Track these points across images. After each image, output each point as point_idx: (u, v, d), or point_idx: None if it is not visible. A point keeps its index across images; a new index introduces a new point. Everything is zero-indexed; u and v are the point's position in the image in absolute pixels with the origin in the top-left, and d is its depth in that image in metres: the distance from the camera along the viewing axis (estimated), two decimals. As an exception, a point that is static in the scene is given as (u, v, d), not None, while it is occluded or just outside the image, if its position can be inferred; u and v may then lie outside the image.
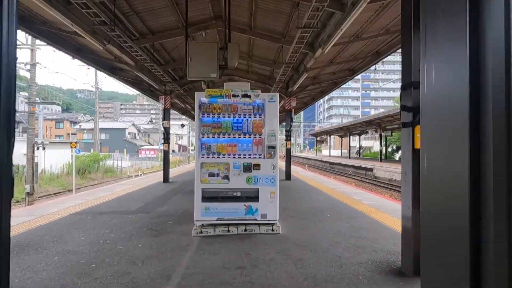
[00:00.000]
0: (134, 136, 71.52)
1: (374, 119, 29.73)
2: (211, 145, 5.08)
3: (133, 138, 69.58)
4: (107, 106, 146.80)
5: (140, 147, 61.49)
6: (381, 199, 8.52)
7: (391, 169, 24.81)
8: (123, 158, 47.14)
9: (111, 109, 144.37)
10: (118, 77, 12.90)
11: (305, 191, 9.70)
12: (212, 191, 5.00)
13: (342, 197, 8.59)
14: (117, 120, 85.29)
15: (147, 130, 78.34)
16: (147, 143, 72.80)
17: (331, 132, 49.28)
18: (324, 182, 12.42)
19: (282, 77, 10.39)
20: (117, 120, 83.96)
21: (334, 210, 6.77)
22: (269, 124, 5.03)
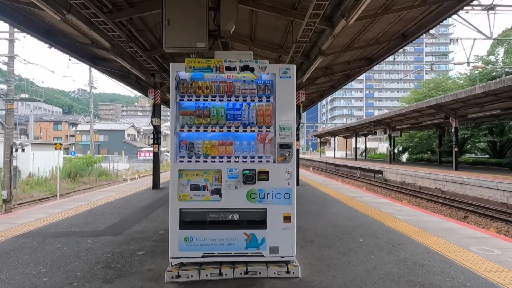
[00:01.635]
0: (134, 138, 70.08)
1: (384, 118, 27.97)
2: (195, 143, 3.39)
3: (132, 140, 68.13)
4: (108, 107, 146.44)
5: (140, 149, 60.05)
6: (414, 211, 6.80)
7: (403, 172, 23.06)
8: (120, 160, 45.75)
9: (113, 111, 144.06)
10: (101, 68, 11.26)
11: (320, 201, 7.99)
12: (196, 213, 3.31)
13: (367, 209, 6.88)
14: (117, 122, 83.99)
15: (147, 132, 76.86)
16: (147, 145, 71.28)
17: (336, 133, 47.51)
18: (339, 188, 10.70)
19: (291, 63, 8.69)
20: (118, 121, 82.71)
21: (365, 231, 5.06)
22: (282, 112, 3.35)
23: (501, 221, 11.42)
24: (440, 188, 18.47)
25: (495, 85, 14.45)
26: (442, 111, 20.33)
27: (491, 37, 11.89)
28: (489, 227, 10.70)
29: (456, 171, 19.89)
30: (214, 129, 3.33)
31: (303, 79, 10.02)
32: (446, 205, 14.67)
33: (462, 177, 16.75)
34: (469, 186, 16.23)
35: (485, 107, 18.12)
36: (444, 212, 13.30)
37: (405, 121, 27.01)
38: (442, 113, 20.99)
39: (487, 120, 24.14)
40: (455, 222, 5.82)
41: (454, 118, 20.18)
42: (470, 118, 20.91)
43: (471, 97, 16.84)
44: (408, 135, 36.86)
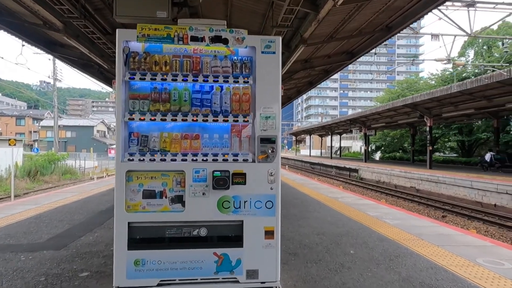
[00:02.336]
0: (104, 135, 67.25)
1: (360, 117, 27.97)
2: (150, 136, 2.59)
3: (102, 137, 65.33)
4: (77, 103, 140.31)
5: (110, 146, 57.66)
6: (401, 214, 6.31)
7: (378, 170, 23.05)
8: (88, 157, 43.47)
9: (82, 107, 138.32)
10: (59, 55, 10.10)
11: (301, 203, 7.35)
12: (150, 228, 2.51)
13: (352, 212, 6.31)
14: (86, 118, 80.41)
15: (118, 128, 73.91)
16: (117, 142, 68.63)
17: (311, 131, 47.49)
18: (318, 188, 10.14)
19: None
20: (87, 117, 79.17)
21: (355, 239, 4.43)
22: (264, 97, 2.62)
23: (478, 220, 11.32)
24: (415, 186, 18.47)
25: (471, 84, 14.46)
26: (417, 110, 20.39)
27: (471, 34, 11.78)
28: (468, 227, 10.52)
29: (430, 169, 20.01)
30: (175, 118, 2.54)
31: (282, 72, 9.33)
32: (423, 204, 14.55)
33: (437, 176, 16.77)
34: (444, 185, 16.26)
35: (459, 106, 18.27)
36: (422, 211, 13.11)
37: (381, 120, 27.12)
38: (417, 112, 21.07)
39: (459, 120, 24.61)
40: (448, 227, 5.34)
41: (428, 117, 20.28)
42: (444, 118, 21.13)
43: (447, 96, 16.87)
44: (381, 134, 37.33)
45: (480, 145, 30.41)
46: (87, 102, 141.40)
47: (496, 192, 13.26)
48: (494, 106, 16.71)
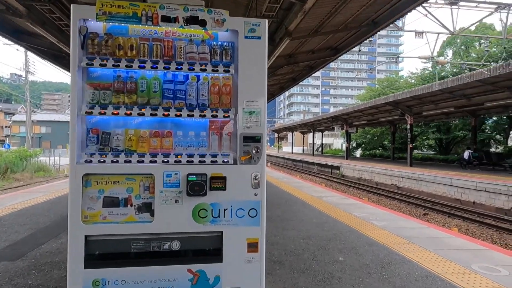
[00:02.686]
0: (80, 130, 64.98)
1: (342, 114, 28.07)
2: (112, 133, 2.20)
3: (79, 132, 63.06)
4: (53, 97, 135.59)
5: (87, 142, 55.87)
6: (388, 214, 6.13)
7: (360, 168, 23.18)
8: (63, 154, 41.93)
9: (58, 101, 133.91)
10: (27, 45, 9.43)
11: (284, 202, 7.06)
12: (112, 242, 2.13)
13: (338, 212, 6.07)
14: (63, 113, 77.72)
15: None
16: (95, 138, 66.72)
17: (294, 128, 47.51)
18: (302, 186, 9.90)
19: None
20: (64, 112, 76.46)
21: (343, 244, 4.17)
22: (248, 89, 2.27)
23: (459, 218, 11.40)
24: (396, 184, 18.62)
25: (452, 83, 14.59)
26: (399, 108, 20.56)
27: (453, 32, 11.81)
28: (449, 225, 10.56)
29: (411, 167, 20.24)
30: (142, 112, 2.15)
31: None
32: (404, 201, 14.62)
33: (418, 174, 16.92)
34: (425, 182, 16.42)
35: (439, 104, 18.50)
36: (404, 209, 13.14)
37: (362, 117, 27.29)
38: (398, 110, 21.26)
39: (438, 118, 25.06)
40: (435, 228, 5.18)
41: (409, 115, 20.49)
42: (424, 116, 21.42)
43: (428, 94, 17.02)
44: (362, 131, 37.72)
45: (457, 143, 31.19)
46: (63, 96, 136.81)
47: (475, 189, 13.45)
48: (473, 105, 17.00)
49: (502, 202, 12.17)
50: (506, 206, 11.99)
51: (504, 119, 26.20)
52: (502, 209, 12.04)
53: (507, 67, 11.25)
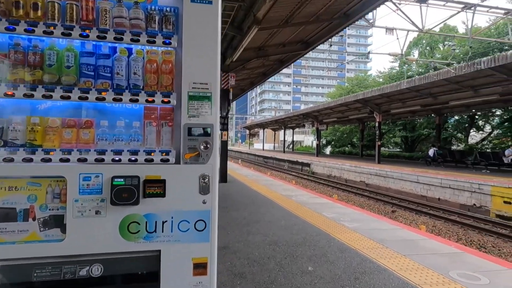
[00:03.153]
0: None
1: (312, 111, 28.11)
2: (6, 121, 1.63)
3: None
4: None
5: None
6: (359, 214, 5.86)
7: (329, 165, 23.27)
8: None
9: None
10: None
11: (252, 202, 6.62)
12: (6, 269, 1.58)
13: (307, 213, 5.72)
14: None
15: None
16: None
17: (265, 125, 47.34)
18: (271, 184, 9.51)
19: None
20: None
21: (313, 250, 3.79)
22: (195, 67, 1.77)
23: (425, 215, 11.52)
24: (365, 181, 18.80)
25: (420, 81, 14.80)
26: (368, 105, 20.77)
27: (423, 30, 11.89)
28: (416, 222, 10.62)
29: (379, 164, 20.53)
30: (51, 94, 1.60)
31: (233, 58, 8.51)
32: (373, 198, 14.68)
33: (386, 171, 17.13)
34: (392, 179, 16.64)
35: (407, 103, 18.85)
36: (373, 206, 13.16)
37: (332, 114, 27.47)
38: (367, 108, 21.49)
39: (404, 117, 25.69)
40: (408, 229, 4.95)
41: (378, 113, 20.75)
42: (392, 114, 21.82)
43: (396, 93, 17.24)
44: (332, 129, 38.20)
45: (421, 141, 32.26)
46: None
47: (440, 186, 13.72)
48: (438, 104, 17.42)
49: (465, 199, 12.47)
50: (469, 203, 12.29)
51: (464, 118, 27.33)
52: (465, 206, 12.33)
53: (472, 66, 11.46)
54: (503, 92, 13.76)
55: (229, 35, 8.30)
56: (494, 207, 11.42)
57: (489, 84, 13.94)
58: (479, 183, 11.84)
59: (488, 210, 11.48)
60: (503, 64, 11.03)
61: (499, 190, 11.22)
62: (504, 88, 13.48)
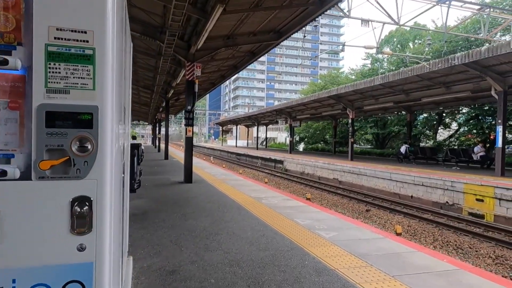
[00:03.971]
0: None
1: (285, 107, 27.62)
2: None
3: None
4: None
5: None
6: (336, 220, 5.23)
7: (302, 162, 22.86)
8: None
9: None
10: None
11: (216, 208, 5.82)
12: None
13: (279, 219, 5.01)
14: None
15: None
16: None
17: (238, 122, 46.49)
18: (241, 185, 8.74)
19: (177, 17, 6.19)
20: None
21: (283, 273, 3.06)
22: (61, 2, 0.96)
23: (399, 214, 11.21)
24: (338, 178, 18.50)
25: (393, 77, 14.55)
26: (341, 102, 20.49)
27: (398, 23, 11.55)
28: (391, 221, 10.25)
29: (352, 161, 20.33)
30: None
31: (198, 44, 7.63)
32: (346, 196, 14.30)
33: (359, 168, 16.86)
34: (365, 176, 16.39)
35: (380, 99, 18.70)
36: (346, 205, 12.75)
37: (306, 111, 27.12)
38: (340, 104, 21.23)
39: (376, 114, 25.77)
40: (392, 238, 4.36)
41: (351, 110, 20.52)
42: (365, 110, 21.68)
43: (369, 89, 16.99)
44: (305, 125, 38.02)
45: (392, 137, 32.71)
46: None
47: (413, 184, 13.54)
48: (410, 100, 17.35)
49: (438, 196, 12.32)
50: (441, 200, 12.15)
51: (432, 116, 27.86)
52: (438, 203, 12.18)
53: (447, 62, 11.24)
54: (474, 89, 13.77)
55: (193, 19, 7.42)
56: (466, 205, 11.29)
57: (461, 81, 13.91)
58: (451, 181, 11.69)
59: (461, 208, 11.34)
60: (476, 60, 10.88)
61: (471, 188, 11.10)
62: (475, 85, 13.47)
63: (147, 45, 9.97)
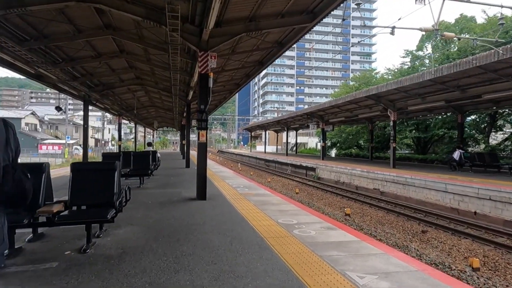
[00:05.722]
0: (35, 128, 59.51)
1: (317, 110, 25.60)
2: None
3: (32, 130, 57.68)
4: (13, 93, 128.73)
5: (42, 141, 51.01)
6: (409, 270, 3.32)
7: (337, 169, 20.70)
8: None
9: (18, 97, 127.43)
10: None
11: (228, 246, 4.04)
12: None
13: (320, 272, 3.19)
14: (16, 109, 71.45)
15: (54, 121, 66.23)
16: (53, 136, 61.36)
17: (267, 127, 44.80)
18: (266, 203, 6.94)
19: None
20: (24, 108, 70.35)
21: None
22: None
23: (465, 237, 8.93)
24: (380, 188, 16.23)
25: (448, 70, 12.23)
26: (381, 102, 18.22)
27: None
28: (457, 248, 8.05)
29: (394, 169, 17.95)
30: None
31: (210, 24, 5.97)
32: (392, 212, 12.11)
33: (405, 177, 14.56)
34: (413, 187, 14.06)
35: (427, 98, 16.25)
36: (395, 223, 10.60)
37: (340, 113, 24.91)
38: (380, 105, 18.95)
39: (420, 115, 23.07)
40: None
41: (392, 111, 18.20)
42: (408, 111, 19.20)
43: (416, 86, 14.68)
44: (337, 130, 35.62)
45: (434, 142, 29.64)
46: (23, 92, 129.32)
47: (476, 197, 11.13)
48: (467, 98, 14.79)
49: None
50: (519, 220, 9.72)
51: (482, 117, 24.69)
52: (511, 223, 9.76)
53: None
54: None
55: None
56: (557, 227, 8.84)
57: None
58: (535, 196, 9.26)
59: (550, 232, 8.89)
60: None
61: None
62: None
63: (158, 36, 8.52)
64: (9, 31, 7.43)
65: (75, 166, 3.95)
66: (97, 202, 3.77)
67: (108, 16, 7.75)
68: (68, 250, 3.57)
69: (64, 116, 61.89)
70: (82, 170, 3.98)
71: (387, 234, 9.30)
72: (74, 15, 7.55)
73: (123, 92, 17.00)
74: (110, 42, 9.42)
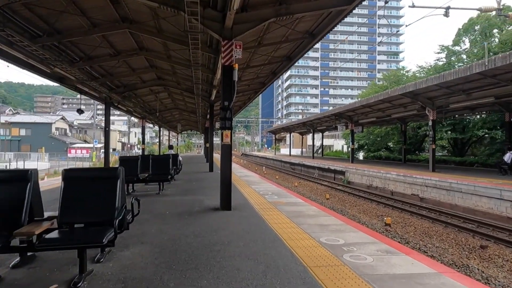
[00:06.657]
0: (64, 132, 61.32)
1: (346, 110, 24.25)
2: None
3: (62, 135, 59.43)
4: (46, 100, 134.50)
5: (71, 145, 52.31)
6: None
7: (369, 173, 19.30)
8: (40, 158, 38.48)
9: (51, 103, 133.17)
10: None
11: (261, 279, 3.10)
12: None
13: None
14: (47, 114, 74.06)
15: (83, 126, 68.11)
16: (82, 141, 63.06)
17: (292, 129, 43.62)
18: (301, 213, 5.94)
19: None
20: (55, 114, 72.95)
21: None
22: None
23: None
24: (419, 194, 14.77)
25: (503, 61, 10.75)
26: (418, 100, 16.73)
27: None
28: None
29: (434, 172, 16.39)
30: None
31: (233, 4, 5.07)
32: (438, 221, 10.75)
33: (449, 182, 13.07)
34: (460, 193, 12.56)
35: (473, 94, 14.66)
36: (445, 236, 9.27)
37: (370, 114, 23.44)
38: (416, 104, 17.46)
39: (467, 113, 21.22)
40: None
41: (431, 109, 16.65)
42: (449, 110, 17.56)
43: (461, 81, 13.20)
44: (366, 131, 33.91)
45: (473, 143, 27.45)
46: (56, 99, 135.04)
47: (540, 206, 9.60)
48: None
49: None
50: None
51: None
52: None
53: None
54: None
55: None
56: None
57: None
58: None
59: None
60: None
61: None
62: None
63: (177, 27, 7.75)
64: (19, 26, 6.88)
65: (68, 173, 3.12)
66: (94, 221, 2.93)
67: (124, 7, 7.06)
68: (55, 283, 2.75)
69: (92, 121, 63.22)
70: (77, 178, 3.13)
71: (439, 249, 8.05)
72: (86, 6, 6.91)
73: (145, 93, 16.53)
74: (128, 37, 8.78)
